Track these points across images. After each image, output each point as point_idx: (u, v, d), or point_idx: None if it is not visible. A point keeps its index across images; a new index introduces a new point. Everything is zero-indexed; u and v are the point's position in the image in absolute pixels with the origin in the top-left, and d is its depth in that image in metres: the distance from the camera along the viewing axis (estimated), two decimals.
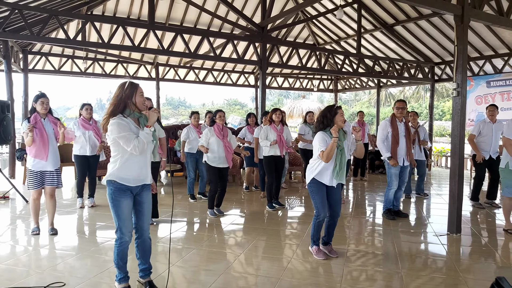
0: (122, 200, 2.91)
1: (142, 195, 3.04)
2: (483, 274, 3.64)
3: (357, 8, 10.34)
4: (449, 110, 28.84)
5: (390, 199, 5.61)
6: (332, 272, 3.63)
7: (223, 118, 5.58)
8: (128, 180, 2.92)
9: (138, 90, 2.90)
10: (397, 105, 5.58)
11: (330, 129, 3.77)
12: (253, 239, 4.63)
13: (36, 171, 4.44)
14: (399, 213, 5.73)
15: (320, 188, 3.90)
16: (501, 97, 11.00)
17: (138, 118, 2.95)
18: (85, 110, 6.04)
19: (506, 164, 4.91)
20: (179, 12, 10.77)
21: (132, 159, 2.90)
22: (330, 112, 3.85)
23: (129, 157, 2.88)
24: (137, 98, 2.89)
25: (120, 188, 2.90)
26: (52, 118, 4.58)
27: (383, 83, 15.00)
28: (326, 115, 3.86)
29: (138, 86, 2.93)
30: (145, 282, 3.17)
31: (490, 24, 6.34)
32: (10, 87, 8.98)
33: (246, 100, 50.16)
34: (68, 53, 11.71)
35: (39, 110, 4.43)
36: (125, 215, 2.94)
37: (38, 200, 4.63)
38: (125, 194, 2.92)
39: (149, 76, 13.35)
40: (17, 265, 3.68)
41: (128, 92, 2.87)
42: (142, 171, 2.97)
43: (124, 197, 2.92)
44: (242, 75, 15.01)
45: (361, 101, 37.74)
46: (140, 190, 3.02)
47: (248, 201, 6.92)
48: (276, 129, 6.15)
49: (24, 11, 6.95)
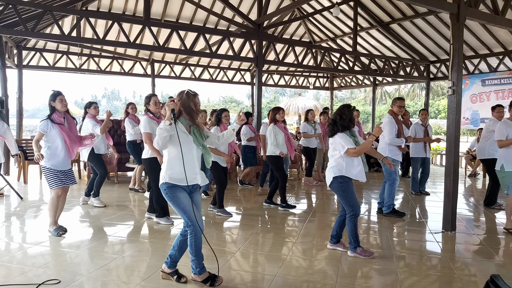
0: (178, 194, 3.06)
1: (193, 195, 3.17)
2: (478, 272, 3.67)
3: (353, 6, 10.34)
4: (445, 108, 28.98)
5: (394, 196, 5.58)
6: (328, 270, 3.64)
7: (228, 117, 5.76)
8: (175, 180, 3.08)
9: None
10: (399, 103, 5.55)
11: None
12: (249, 236, 4.63)
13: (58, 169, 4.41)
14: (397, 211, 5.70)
15: (350, 184, 3.92)
16: (496, 96, 11.07)
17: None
18: (94, 108, 6.08)
19: (501, 166, 4.95)
20: (174, 8, 10.72)
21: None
22: (350, 113, 3.91)
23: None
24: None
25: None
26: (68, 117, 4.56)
27: (379, 81, 15.04)
28: (347, 116, 3.90)
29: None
30: (173, 271, 3.26)
31: (486, 23, 6.37)
32: (4, 83, 8.90)
33: (242, 97, 50.19)
34: (63, 49, 11.64)
35: (59, 108, 4.39)
36: (187, 207, 3.07)
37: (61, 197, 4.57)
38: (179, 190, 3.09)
39: (144, 72, 13.29)
40: (11, 262, 3.65)
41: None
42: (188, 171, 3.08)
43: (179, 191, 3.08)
44: (238, 72, 14.98)
45: (357, 99, 37.83)
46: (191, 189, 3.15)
47: (245, 198, 6.92)
48: (282, 128, 6.11)
49: (18, 6, 6.87)
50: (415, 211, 6.06)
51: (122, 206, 6.07)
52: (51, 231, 4.45)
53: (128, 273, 3.45)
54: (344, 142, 3.82)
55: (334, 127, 3.95)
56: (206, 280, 3.15)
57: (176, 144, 3.00)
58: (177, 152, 3.02)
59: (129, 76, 13.29)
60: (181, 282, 3.21)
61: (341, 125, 3.89)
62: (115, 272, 3.47)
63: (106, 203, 6.12)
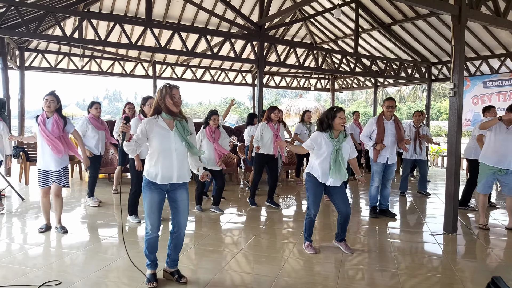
0: (149, 193, 3.09)
1: (175, 193, 3.16)
2: (479, 274, 3.66)
3: (354, 8, 10.34)
4: (446, 110, 28.92)
5: (373, 196, 5.62)
6: (329, 271, 3.64)
7: (216, 121, 5.71)
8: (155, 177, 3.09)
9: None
10: (387, 103, 5.52)
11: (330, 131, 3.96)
12: (249, 237, 4.63)
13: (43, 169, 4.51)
14: (386, 212, 5.68)
15: (315, 185, 4.01)
16: (497, 98, 11.04)
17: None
18: (95, 108, 6.11)
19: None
20: (176, 10, 10.74)
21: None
22: (328, 115, 3.97)
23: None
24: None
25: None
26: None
27: (380, 82, 15.02)
28: (325, 118, 3.98)
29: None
30: (174, 271, 3.33)
31: (487, 25, 6.36)
32: (6, 84, 8.92)
33: (244, 98, 50.14)
34: (65, 51, 11.66)
35: (44, 108, 4.45)
36: (151, 208, 3.12)
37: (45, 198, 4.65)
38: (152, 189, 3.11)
39: (146, 74, 13.30)
40: (12, 263, 3.66)
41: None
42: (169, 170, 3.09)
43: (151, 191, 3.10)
44: (240, 73, 14.99)
45: (358, 100, 37.80)
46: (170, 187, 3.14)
47: (245, 199, 6.92)
48: (273, 128, 6.10)
49: (21, 7, 6.90)
50: (416, 212, 6.05)
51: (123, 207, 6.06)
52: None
53: (128, 274, 3.45)
54: (310, 139, 4.06)
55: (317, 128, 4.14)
56: (152, 276, 3.24)
57: (155, 140, 3.03)
58: (154, 148, 3.05)
59: (130, 77, 13.30)
60: (181, 282, 3.23)
61: (321, 125, 4.06)
62: (115, 273, 3.48)
63: (107, 203, 6.13)
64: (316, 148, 3.98)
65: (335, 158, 3.90)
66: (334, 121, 3.91)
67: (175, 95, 3.07)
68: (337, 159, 3.90)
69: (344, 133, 4.01)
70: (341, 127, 3.92)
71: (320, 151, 3.96)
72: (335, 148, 3.90)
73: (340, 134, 3.97)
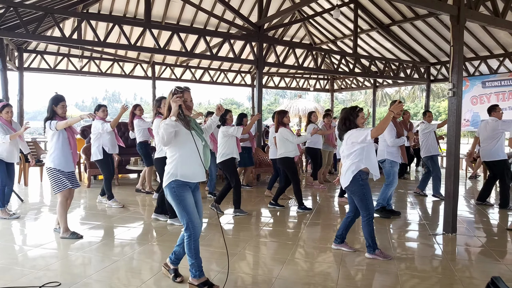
0: (185, 193, 3.05)
1: (195, 193, 3.17)
2: (478, 274, 3.66)
3: (353, 8, 10.36)
4: (445, 110, 28.97)
5: (387, 197, 5.64)
6: (329, 272, 3.63)
7: (232, 119, 5.89)
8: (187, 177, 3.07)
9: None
10: (400, 107, 5.60)
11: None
12: (249, 238, 4.62)
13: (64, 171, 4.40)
14: (392, 211, 5.76)
15: (367, 182, 3.98)
16: (496, 98, 11.07)
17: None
18: (102, 111, 6.17)
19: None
20: (175, 10, 10.75)
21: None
22: (352, 114, 4.00)
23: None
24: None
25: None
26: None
27: (379, 83, 15.04)
28: (349, 118, 4.00)
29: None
30: (173, 269, 3.30)
31: (486, 25, 6.38)
32: (5, 85, 8.92)
33: (243, 99, 50.19)
34: (64, 52, 11.66)
35: (60, 113, 4.38)
36: (192, 208, 3.07)
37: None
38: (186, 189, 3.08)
39: (145, 75, 13.31)
40: (12, 264, 3.65)
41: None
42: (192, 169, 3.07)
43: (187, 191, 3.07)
44: (239, 74, 15.00)
45: (357, 101, 37.81)
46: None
47: (246, 200, 6.91)
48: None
49: (20, 8, 6.90)
50: (416, 213, 6.05)
51: (125, 208, 6.06)
52: (67, 237, 4.42)
53: (129, 275, 3.44)
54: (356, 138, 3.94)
55: (340, 129, 4.09)
56: (203, 284, 3.09)
57: (184, 140, 3.00)
58: (188, 148, 3.01)
59: (130, 78, 13.31)
60: (176, 281, 3.22)
61: (344, 125, 4.03)
62: (116, 274, 3.47)
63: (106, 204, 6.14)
64: (366, 142, 3.89)
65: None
66: (357, 120, 3.97)
67: (187, 98, 3.04)
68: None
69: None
70: (363, 125, 4.00)
71: (365, 150, 3.92)
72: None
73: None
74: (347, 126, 3.99)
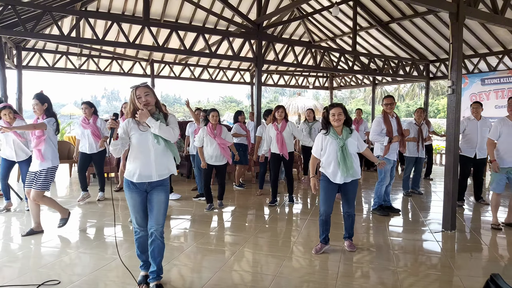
0: (129, 192, 3.05)
1: (151, 193, 3.07)
2: (478, 271, 3.67)
3: (352, 6, 10.35)
4: (444, 107, 28.97)
5: (382, 195, 5.67)
6: (328, 269, 3.64)
7: (216, 118, 5.81)
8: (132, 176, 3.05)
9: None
10: (385, 101, 5.66)
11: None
12: (249, 236, 4.63)
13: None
14: (391, 208, 5.78)
15: (326, 183, 4.02)
16: (495, 95, 11.07)
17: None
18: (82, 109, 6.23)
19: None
20: (174, 8, 10.72)
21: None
22: (325, 113, 4.04)
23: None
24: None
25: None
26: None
27: (379, 80, 15.03)
28: (323, 118, 4.07)
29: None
30: (153, 286, 3.10)
31: (485, 22, 6.36)
32: (4, 83, 8.89)
33: (242, 97, 50.13)
34: (62, 50, 11.64)
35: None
36: (132, 207, 3.08)
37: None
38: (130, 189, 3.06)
39: (144, 73, 13.28)
40: (11, 262, 3.65)
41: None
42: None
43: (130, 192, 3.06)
44: (238, 72, 14.98)
45: (357, 98, 37.79)
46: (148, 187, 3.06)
47: (244, 198, 6.92)
48: (276, 128, 6.13)
49: (18, 6, 6.87)
50: (415, 211, 6.06)
51: (123, 206, 6.06)
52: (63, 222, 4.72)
53: (128, 273, 3.44)
54: (315, 144, 4.13)
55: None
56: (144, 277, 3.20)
57: (133, 139, 3.00)
58: (131, 147, 3.04)
59: (128, 76, 13.27)
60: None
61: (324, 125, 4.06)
62: (115, 272, 3.47)
63: (107, 203, 6.13)
64: (322, 150, 4.01)
65: (341, 155, 3.89)
66: (329, 119, 3.97)
67: (138, 94, 3.01)
68: (344, 156, 3.89)
69: (350, 130, 4.00)
70: (336, 123, 3.90)
71: (326, 151, 3.98)
72: (340, 146, 3.89)
73: (344, 130, 3.95)
74: (324, 126, 4.04)
